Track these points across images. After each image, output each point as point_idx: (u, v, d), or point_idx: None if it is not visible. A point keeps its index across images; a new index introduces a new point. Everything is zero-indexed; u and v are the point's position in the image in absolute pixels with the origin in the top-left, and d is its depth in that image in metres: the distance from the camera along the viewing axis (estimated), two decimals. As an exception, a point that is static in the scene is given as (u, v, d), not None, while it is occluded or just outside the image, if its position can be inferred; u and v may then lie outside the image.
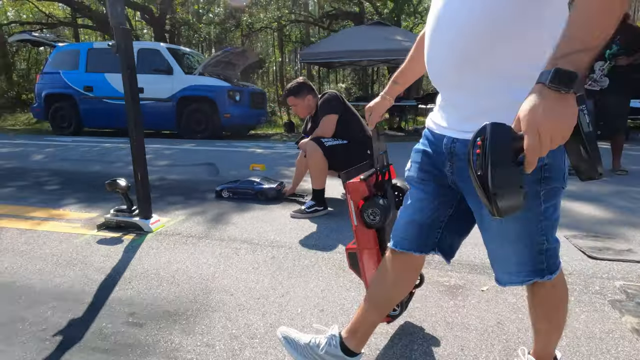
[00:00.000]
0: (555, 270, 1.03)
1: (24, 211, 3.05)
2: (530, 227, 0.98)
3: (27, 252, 2.31)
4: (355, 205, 1.40)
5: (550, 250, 1.01)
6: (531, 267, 1.02)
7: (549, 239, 1.00)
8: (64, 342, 1.53)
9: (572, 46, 0.70)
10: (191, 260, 2.22)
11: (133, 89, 2.56)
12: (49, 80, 8.69)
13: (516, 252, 1.01)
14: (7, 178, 4.20)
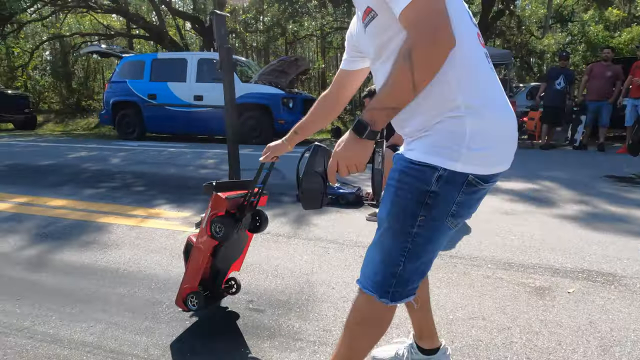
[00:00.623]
0: (395, 301, 1.05)
1: (125, 210, 3.41)
2: (395, 243, 1.02)
3: (142, 246, 2.63)
4: (210, 215, 1.64)
5: (402, 277, 1.04)
6: (380, 281, 1.05)
7: (407, 266, 1.03)
8: (201, 323, 1.79)
9: (373, 104, 0.93)
10: (288, 256, 2.45)
11: (232, 99, 2.83)
12: (117, 89, 9.35)
13: (376, 260, 1.07)
14: (97, 179, 4.64)
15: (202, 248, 1.70)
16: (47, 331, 1.72)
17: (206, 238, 1.67)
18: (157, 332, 1.71)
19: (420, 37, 0.87)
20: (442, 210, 1.01)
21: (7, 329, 1.74)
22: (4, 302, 1.95)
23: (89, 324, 1.77)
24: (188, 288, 1.71)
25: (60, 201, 3.68)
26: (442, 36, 0.87)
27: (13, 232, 2.88)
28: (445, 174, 0.97)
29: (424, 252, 1.04)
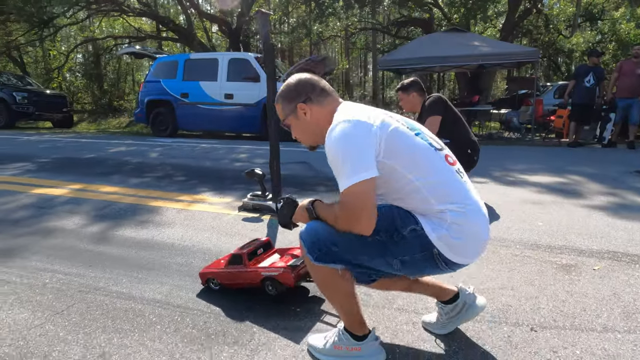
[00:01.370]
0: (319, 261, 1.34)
1: (171, 195, 3.68)
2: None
3: (191, 225, 2.87)
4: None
5: (333, 254, 1.33)
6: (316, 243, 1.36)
7: (341, 251, 1.32)
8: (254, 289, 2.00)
9: (320, 209, 1.35)
10: (326, 236, 2.64)
11: (274, 92, 3.03)
12: (151, 88, 9.76)
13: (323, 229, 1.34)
14: (141, 170, 4.95)
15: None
16: (120, 290, 1.96)
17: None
18: (215, 293, 1.93)
19: (342, 216, 1.24)
20: (397, 251, 1.29)
21: (86, 288, 1.99)
22: (78, 268, 2.21)
23: (156, 285, 2.01)
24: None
25: (111, 188, 3.98)
26: (357, 226, 1.22)
27: (74, 213, 3.18)
28: (420, 232, 1.26)
29: (357, 255, 1.32)
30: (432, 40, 9.11)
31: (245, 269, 1.87)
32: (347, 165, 1.19)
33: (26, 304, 1.83)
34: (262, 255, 2.00)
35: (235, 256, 1.92)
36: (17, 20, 16.88)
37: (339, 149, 1.22)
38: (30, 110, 12.90)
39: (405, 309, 1.78)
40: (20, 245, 2.53)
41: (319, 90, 1.41)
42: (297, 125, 1.44)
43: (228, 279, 1.92)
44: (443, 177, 1.29)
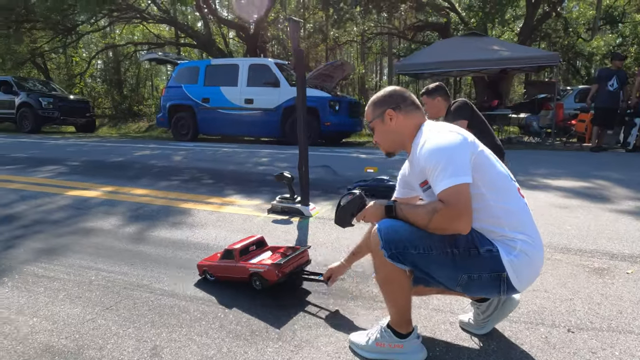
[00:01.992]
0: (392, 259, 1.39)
1: (201, 198, 3.78)
2: (429, 241, 1.36)
3: (224, 227, 2.95)
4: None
5: (408, 257, 1.38)
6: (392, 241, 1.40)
7: (417, 257, 1.38)
8: (291, 285, 2.06)
9: (403, 210, 1.40)
10: (341, 237, 2.70)
11: (303, 98, 3.11)
12: (173, 93, 9.98)
13: (404, 233, 1.38)
14: (168, 173, 5.08)
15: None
16: (163, 288, 2.04)
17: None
18: (253, 292, 2.00)
19: (444, 212, 1.28)
20: (469, 267, 1.33)
21: (131, 285, 2.08)
22: (120, 266, 2.30)
23: (196, 284, 2.09)
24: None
25: (141, 190, 4.10)
26: (458, 223, 1.28)
27: (110, 214, 3.29)
28: (495, 253, 1.32)
29: (429, 263, 1.36)
30: (451, 45, 9.11)
31: (235, 264, 2.00)
32: (451, 168, 1.27)
33: (76, 299, 1.93)
34: (254, 252, 2.13)
35: (228, 251, 2.06)
36: (43, 28, 17.40)
37: (442, 153, 1.31)
38: (56, 115, 13.28)
39: (441, 309, 1.82)
40: (62, 245, 2.64)
41: (409, 102, 1.51)
42: (380, 129, 1.54)
43: (220, 272, 2.05)
44: (517, 206, 1.38)
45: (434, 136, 1.36)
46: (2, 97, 13.58)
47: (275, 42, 22.08)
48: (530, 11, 14.03)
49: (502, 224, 1.34)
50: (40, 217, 3.23)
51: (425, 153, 1.34)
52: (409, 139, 1.48)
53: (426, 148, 1.35)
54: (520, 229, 1.35)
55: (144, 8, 17.21)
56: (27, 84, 14.45)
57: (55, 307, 1.85)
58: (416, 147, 1.42)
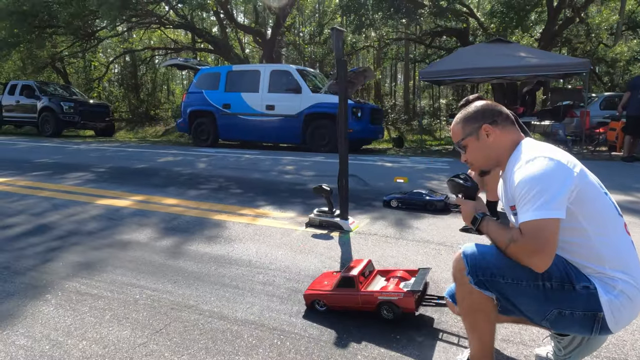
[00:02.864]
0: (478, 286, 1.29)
1: (233, 209, 3.71)
2: (516, 271, 1.26)
3: (263, 241, 2.87)
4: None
5: (495, 285, 1.28)
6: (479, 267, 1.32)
7: (504, 285, 1.28)
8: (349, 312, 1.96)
9: (487, 226, 1.34)
10: (401, 255, 2.59)
11: (345, 110, 3.02)
12: (193, 99, 9.99)
13: (492, 260, 1.30)
14: (195, 182, 5.04)
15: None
16: (212, 309, 1.96)
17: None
18: (309, 315, 1.90)
19: (521, 245, 1.20)
20: (561, 302, 1.23)
21: (178, 306, 2.00)
22: (164, 284, 2.23)
23: (245, 306, 2.00)
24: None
25: (172, 200, 4.05)
26: (533, 259, 1.19)
27: (144, 225, 3.23)
28: (593, 291, 1.21)
29: (517, 294, 1.26)
30: (476, 52, 8.96)
31: (358, 293, 1.85)
32: (541, 199, 1.18)
33: (124, 320, 1.85)
34: (368, 278, 1.97)
35: (346, 279, 1.89)
36: (65, 34, 17.67)
37: (537, 181, 1.21)
38: (76, 119, 13.43)
39: (511, 340, 1.70)
40: (101, 259, 2.58)
41: (505, 116, 1.42)
42: (474, 146, 1.44)
43: (338, 302, 1.89)
44: (622, 244, 1.26)
45: (532, 160, 1.25)
46: (24, 101, 13.80)
47: (292, 47, 22.14)
48: (552, 16, 13.79)
49: (603, 262, 1.23)
50: (75, 228, 3.18)
51: (519, 178, 1.25)
52: (506, 155, 1.38)
53: (521, 173, 1.25)
54: (623, 268, 1.23)
55: (163, 14, 17.35)
56: (48, 88, 14.66)
57: (104, 328, 1.78)
58: (512, 166, 1.32)
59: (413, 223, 3.29)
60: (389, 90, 27.64)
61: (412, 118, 19.90)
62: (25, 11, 14.46)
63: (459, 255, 1.31)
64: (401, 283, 1.91)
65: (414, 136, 15.40)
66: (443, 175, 5.79)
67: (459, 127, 1.48)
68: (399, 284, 1.90)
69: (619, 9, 17.28)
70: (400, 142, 11.21)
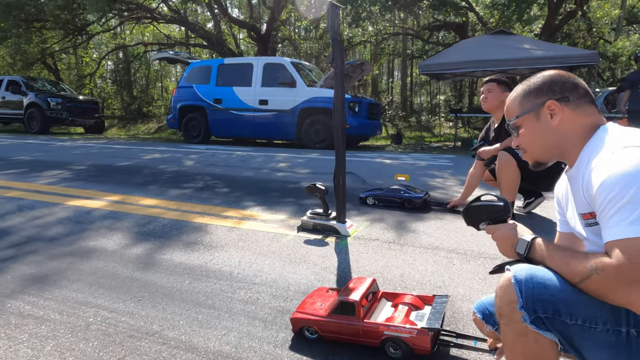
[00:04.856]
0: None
1: (216, 210, 3.33)
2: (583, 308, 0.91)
3: (247, 248, 2.50)
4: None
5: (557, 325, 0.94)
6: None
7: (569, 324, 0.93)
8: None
9: (547, 256, 0.97)
10: (408, 265, 2.23)
11: (342, 98, 2.66)
12: (184, 94, 9.58)
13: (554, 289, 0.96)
14: (179, 180, 4.65)
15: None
16: (179, 337, 1.59)
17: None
18: (299, 346, 1.54)
19: (614, 273, 0.82)
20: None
21: (137, 332, 1.63)
22: (126, 303, 1.86)
23: (221, 331, 1.63)
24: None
25: (150, 200, 3.67)
26: (631, 294, 0.81)
27: (114, 230, 2.86)
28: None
29: (585, 343, 0.92)
30: (478, 44, 8.61)
31: (360, 323, 1.48)
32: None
33: (67, 354, 1.49)
34: (371, 302, 1.61)
35: (345, 304, 1.52)
36: (53, 28, 17.18)
37: (632, 181, 0.83)
38: (64, 115, 12.98)
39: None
40: (58, 270, 2.21)
41: (582, 92, 1.04)
42: (532, 128, 1.07)
43: (333, 331, 1.53)
44: None
45: (623, 152, 0.87)
46: (10, 97, 13.34)
47: (287, 43, 21.69)
48: (553, 10, 13.44)
49: None
50: (35, 233, 2.80)
51: (603, 175, 0.87)
52: (576, 146, 1.01)
53: (606, 169, 0.88)
54: None
55: (154, 7, 16.88)
56: (36, 84, 14.18)
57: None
58: (588, 159, 0.95)
59: (417, 226, 2.93)
60: (386, 87, 27.28)
61: (410, 115, 19.54)
62: (10, 3, 13.95)
63: (508, 280, 0.94)
64: (412, 313, 1.55)
65: (412, 133, 15.05)
66: (446, 172, 5.44)
67: (516, 101, 1.10)
68: (409, 314, 1.53)
69: (619, 3, 16.99)
70: (399, 139, 10.85)
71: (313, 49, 20.27)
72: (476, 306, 1.25)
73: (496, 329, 1.16)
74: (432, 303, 1.61)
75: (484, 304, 1.22)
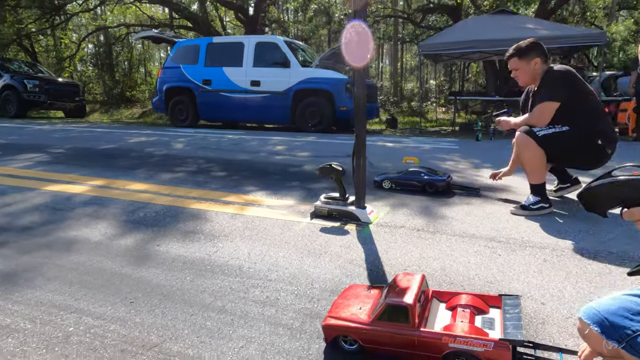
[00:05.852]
0: None
1: (215, 195, 2.97)
2: None
3: (256, 238, 2.16)
4: None
5: None
6: None
7: None
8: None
9: None
10: (448, 257, 1.92)
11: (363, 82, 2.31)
12: (170, 75, 9.07)
13: None
14: (170, 164, 4.26)
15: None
16: (184, 351, 1.26)
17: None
18: (335, 359, 1.22)
19: None
20: None
21: (131, 345, 1.29)
22: (115, 306, 1.51)
23: (237, 343, 1.30)
24: None
25: (140, 185, 3.29)
26: None
27: (99, 218, 2.48)
28: None
29: None
30: (479, 24, 8.29)
31: (416, 333, 1.16)
32: None
33: (40, 377, 1.14)
34: (423, 306, 1.28)
35: (395, 309, 1.20)
36: (29, 6, 16.26)
37: None
38: (42, 98, 12.31)
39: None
40: (31, 266, 1.84)
41: None
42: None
43: (379, 342, 1.21)
44: None
45: None
46: (-16, 79, 12.57)
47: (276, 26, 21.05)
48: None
49: None
50: (5, 223, 2.41)
51: None
52: None
53: None
54: None
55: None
56: (11, 65, 13.41)
57: (2, 397, 1.06)
58: None
59: (444, 212, 2.62)
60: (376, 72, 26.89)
61: (401, 100, 19.22)
62: (-19, -22, 13.06)
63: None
64: (477, 318, 1.24)
65: (405, 118, 14.75)
66: (454, 155, 5.15)
67: None
68: (473, 320, 1.22)
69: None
70: (394, 123, 10.54)
71: (303, 32, 19.71)
72: (587, 314, 0.95)
73: (623, 347, 0.86)
74: (500, 305, 1.30)
75: (601, 314, 0.92)
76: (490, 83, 13.23)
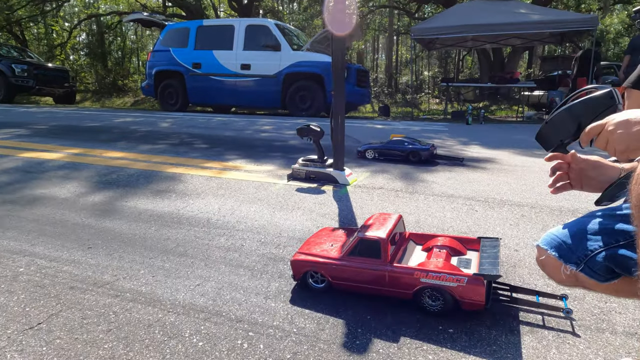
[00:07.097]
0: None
1: (195, 162, 2.90)
2: None
3: (230, 196, 2.09)
4: None
5: None
6: None
7: None
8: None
9: None
10: (423, 212, 1.86)
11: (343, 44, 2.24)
12: (160, 58, 8.92)
13: None
14: (153, 137, 4.18)
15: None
16: (137, 288, 1.20)
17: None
18: (299, 297, 1.16)
19: None
20: None
21: (82, 283, 1.22)
22: (71, 251, 1.45)
23: (194, 281, 1.24)
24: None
25: (116, 153, 3.20)
26: None
27: (70, 179, 2.40)
28: None
29: None
30: (472, 9, 8.21)
31: (388, 268, 1.11)
32: None
33: (-21, 309, 1.07)
34: (397, 245, 1.24)
35: (367, 243, 1.15)
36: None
37: None
38: (30, 83, 12.09)
39: None
40: (-10, 218, 1.77)
41: None
42: None
43: (349, 278, 1.16)
44: None
45: None
46: (-30, 63, 12.34)
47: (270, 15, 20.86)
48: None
49: None
50: (-28, 182, 2.33)
51: None
52: None
53: None
54: None
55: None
56: (0, 50, 13.18)
57: None
58: None
59: (425, 177, 2.57)
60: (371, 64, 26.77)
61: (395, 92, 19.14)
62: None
63: None
64: (453, 259, 1.19)
65: (398, 109, 14.68)
66: (443, 135, 5.09)
67: None
68: (449, 259, 1.17)
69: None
70: (387, 110, 10.46)
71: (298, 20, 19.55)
72: (545, 240, 0.90)
73: (581, 269, 0.81)
74: (478, 248, 1.25)
75: (559, 237, 0.87)
76: (484, 72, 13.19)
